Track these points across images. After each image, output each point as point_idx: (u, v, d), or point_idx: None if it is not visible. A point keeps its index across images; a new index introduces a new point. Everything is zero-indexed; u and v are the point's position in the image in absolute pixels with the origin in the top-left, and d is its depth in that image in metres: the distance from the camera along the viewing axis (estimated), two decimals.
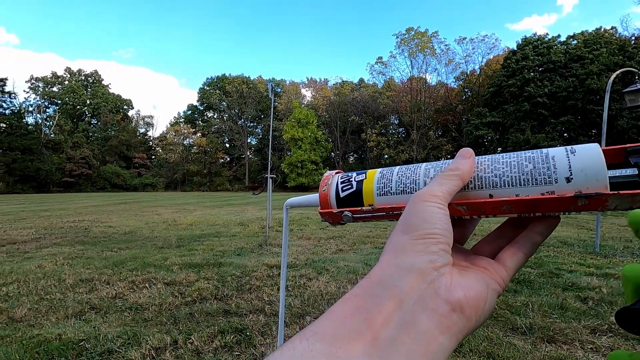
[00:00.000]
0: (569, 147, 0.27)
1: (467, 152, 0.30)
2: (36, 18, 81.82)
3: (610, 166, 0.27)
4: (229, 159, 50.10)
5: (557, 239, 5.07)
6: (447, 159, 0.33)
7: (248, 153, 47.48)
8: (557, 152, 0.27)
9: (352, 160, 44.42)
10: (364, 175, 0.36)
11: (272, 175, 5.55)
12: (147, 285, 2.95)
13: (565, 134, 28.58)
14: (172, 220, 7.94)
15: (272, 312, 2.36)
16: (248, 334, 2.03)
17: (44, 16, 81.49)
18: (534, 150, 0.29)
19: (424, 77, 40.78)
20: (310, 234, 5.67)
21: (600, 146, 0.27)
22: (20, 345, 1.87)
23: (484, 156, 0.30)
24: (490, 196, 0.28)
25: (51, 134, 42.66)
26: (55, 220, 7.85)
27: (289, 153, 38.88)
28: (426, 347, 0.21)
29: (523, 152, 0.29)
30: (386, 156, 38.02)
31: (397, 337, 0.21)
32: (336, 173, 0.38)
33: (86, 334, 2.01)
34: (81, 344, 1.89)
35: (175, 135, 50.43)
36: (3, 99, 36.96)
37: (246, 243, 4.93)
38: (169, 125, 53.00)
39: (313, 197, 0.40)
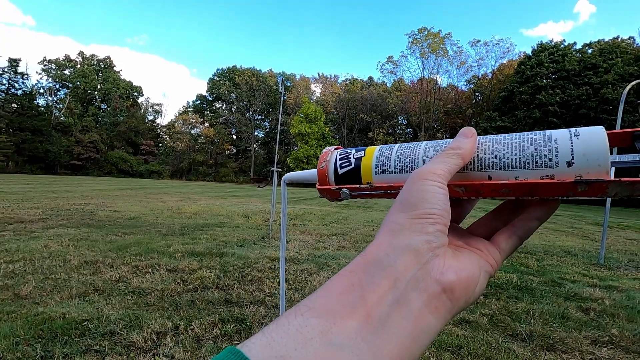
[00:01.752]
0: (573, 130, 0.26)
1: (469, 131, 0.29)
2: (53, 1, 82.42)
3: (617, 150, 0.26)
4: (235, 151, 50.27)
5: (562, 249, 5.03)
6: None
7: (255, 146, 47.59)
8: (561, 135, 0.26)
9: None
10: (362, 152, 0.35)
11: (278, 169, 5.56)
12: (150, 270, 2.98)
13: None
14: (176, 208, 8.00)
15: (273, 304, 2.38)
16: (248, 324, 2.05)
17: None
18: (537, 132, 0.28)
19: (434, 78, 40.48)
20: (313, 230, 5.69)
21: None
22: (25, 321, 1.90)
23: (485, 136, 0.29)
24: (489, 178, 0.28)
25: (61, 116, 43.11)
26: (62, 202, 7.95)
27: (295, 148, 38.90)
28: (415, 325, 0.21)
29: (526, 133, 0.28)
30: None
31: (390, 316, 0.21)
32: (335, 149, 0.38)
33: (89, 314, 2.04)
34: (84, 324, 1.92)
35: (183, 124, 50.68)
36: (15, 79, 37.38)
37: (249, 235, 4.95)
38: (177, 114, 53.32)
39: (311, 172, 0.40)
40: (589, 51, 28.98)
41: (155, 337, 1.83)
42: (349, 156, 0.35)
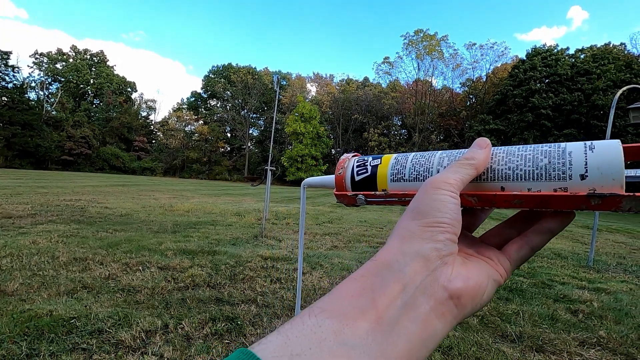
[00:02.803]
0: (588, 143, 0.26)
1: (484, 142, 0.29)
2: None
3: (632, 165, 0.26)
4: (229, 149, 49.98)
5: (552, 251, 5.09)
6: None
7: (249, 144, 47.39)
8: (575, 147, 0.26)
9: None
10: (379, 160, 0.36)
11: (272, 168, 5.54)
12: (140, 268, 2.95)
13: None
14: (169, 205, 7.93)
15: (264, 303, 2.36)
16: (239, 323, 2.04)
17: None
18: (552, 144, 0.28)
19: (429, 80, 40.70)
20: (306, 229, 5.68)
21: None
22: (10, 318, 1.87)
23: (500, 147, 0.30)
24: (502, 189, 0.28)
25: (52, 111, 42.45)
26: (52, 198, 7.83)
27: (289, 147, 38.82)
28: (423, 329, 0.22)
29: (540, 145, 0.28)
30: None
31: (399, 319, 0.22)
32: (353, 156, 0.39)
33: (77, 312, 2.00)
34: (72, 321, 1.89)
35: (177, 121, 50.24)
36: (6, 72, 36.68)
37: (242, 233, 4.93)
38: (171, 111, 52.82)
39: (329, 178, 0.41)
40: (582, 56, 29.36)
41: (144, 335, 1.81)
42: (366, 164, 0.36)
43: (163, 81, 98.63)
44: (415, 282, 0.23)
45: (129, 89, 53.81)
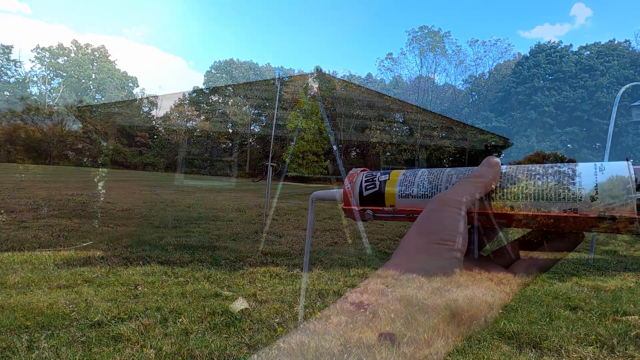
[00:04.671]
0: (598, 164, 0.26)
1: (493, 161, 0.29)
2: None
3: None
4: (230, 145, 49.97)
5: None
6: (449, 160, 0.32)
7: (250, 140, 47.37)
8: (585, 169, 0.26)
9: (353, 155, 44.33)
10: (387, 176, 0.36)
11: (273, 164, 5.53)
12: (140, 262, 2.96)
13: (569, 145, 28.56)
14: (170, 200, 7.95)
15: (263, 299, 2.37)
16: (237, 317, 2.05)
17: None
18: (562, 164, 0.28)
19: (432, 77, 40.51)
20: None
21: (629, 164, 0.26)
22: (11, 311, 1.89)
23: (509, 166, 0.30)
24: (511, 208, 0.28)
25: (55, 105, 42.49)
26: (53, 192, 7.86)
27: (291, 143, 38.76)
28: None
29: (550, 165, 0.28)
30: (388, 153, 37.93)
31: None
32: (361, 171, 0.39)
33: (77, 305, 2.02)
34: (72, 314, 1.91)
35: (178, 117, 50.22)
36: (8, 66, 36.72)
37: (242, 229, 4.94)
38: (173, 107, 52.78)
39: (338, 192, 0.41)
40: (586, 53, 29.14)
41: (143, 329, 1.82)
42: (374, 179, 0.36)
43: (165, 76, 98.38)
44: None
45: (131, 84, 53.78)
